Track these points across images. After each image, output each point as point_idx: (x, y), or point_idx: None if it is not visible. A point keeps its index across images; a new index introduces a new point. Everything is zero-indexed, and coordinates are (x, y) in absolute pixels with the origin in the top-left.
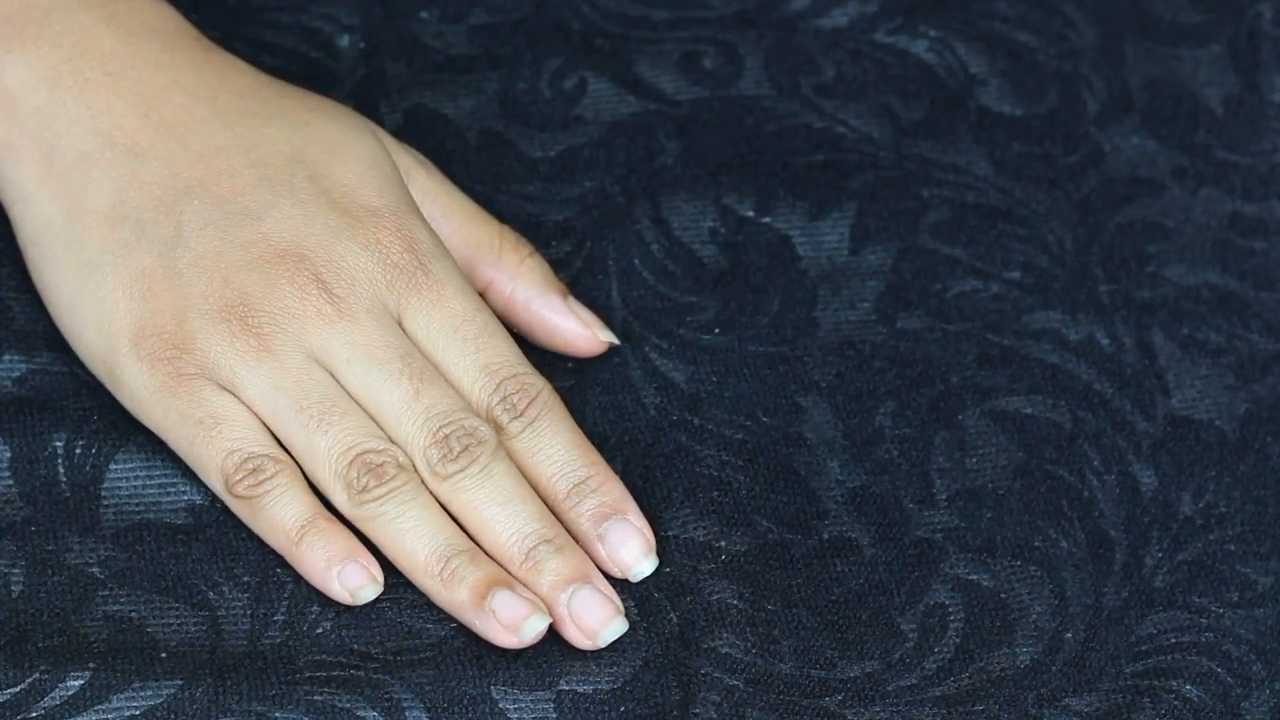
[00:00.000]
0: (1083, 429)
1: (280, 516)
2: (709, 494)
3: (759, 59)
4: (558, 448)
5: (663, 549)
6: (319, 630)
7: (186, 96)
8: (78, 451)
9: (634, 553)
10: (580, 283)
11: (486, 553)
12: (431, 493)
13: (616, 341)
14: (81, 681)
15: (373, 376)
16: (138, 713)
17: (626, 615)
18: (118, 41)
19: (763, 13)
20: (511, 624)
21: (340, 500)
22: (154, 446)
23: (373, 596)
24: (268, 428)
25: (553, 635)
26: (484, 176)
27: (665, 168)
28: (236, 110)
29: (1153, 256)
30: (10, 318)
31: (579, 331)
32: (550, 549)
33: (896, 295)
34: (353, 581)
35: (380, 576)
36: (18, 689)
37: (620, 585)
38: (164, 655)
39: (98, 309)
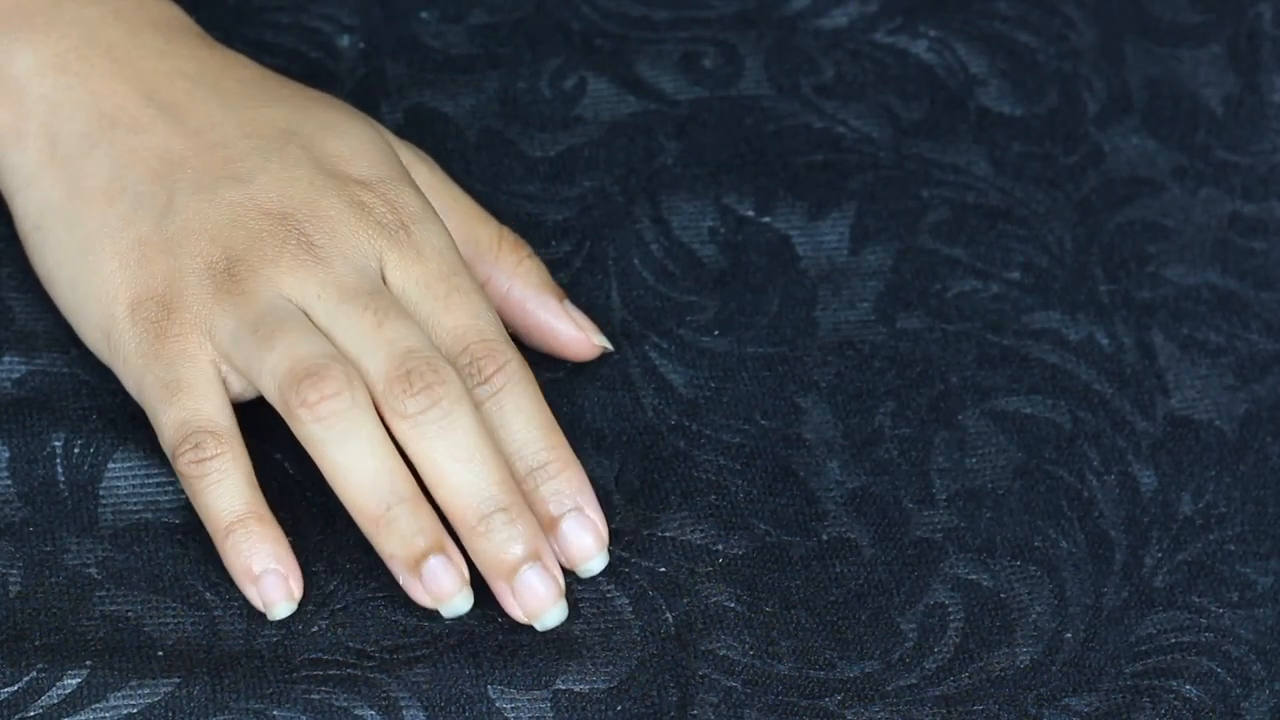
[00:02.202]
0: (1082, 429)
1: (213, 505)
2: (706, 497)
3: (759, 59)
4: (520, 424)
5: (659, 551)
6: (315, 629)
7: (188, 81)
8: (76, 451)
9: (586, 549)
10: (580, 283)
11: (439, 503)
12: (389, 430)
13: (610, 347)
14: (79, 680)
15: (340, 311)
16: (135, 710)
17: (621, 614)
18: (123, 34)
19: (763, 13)
20: (437, 595)
21: (287, 417)
22: (152, 445)
23: (286, 614)
24: (238, 373)
25: (550, 633)
26: (484, 176)
27: (665, 168)
28: (237, 93)
29: (1153, 256)
30: (10, 318)
31: (573, 334)
32: (505, 519)
33: (896, 295)
34: (269, 595)
35: (299, 593)
36: (15, 687)
37: (616, 585)
38: (161, 654)
39: (98, 282)
